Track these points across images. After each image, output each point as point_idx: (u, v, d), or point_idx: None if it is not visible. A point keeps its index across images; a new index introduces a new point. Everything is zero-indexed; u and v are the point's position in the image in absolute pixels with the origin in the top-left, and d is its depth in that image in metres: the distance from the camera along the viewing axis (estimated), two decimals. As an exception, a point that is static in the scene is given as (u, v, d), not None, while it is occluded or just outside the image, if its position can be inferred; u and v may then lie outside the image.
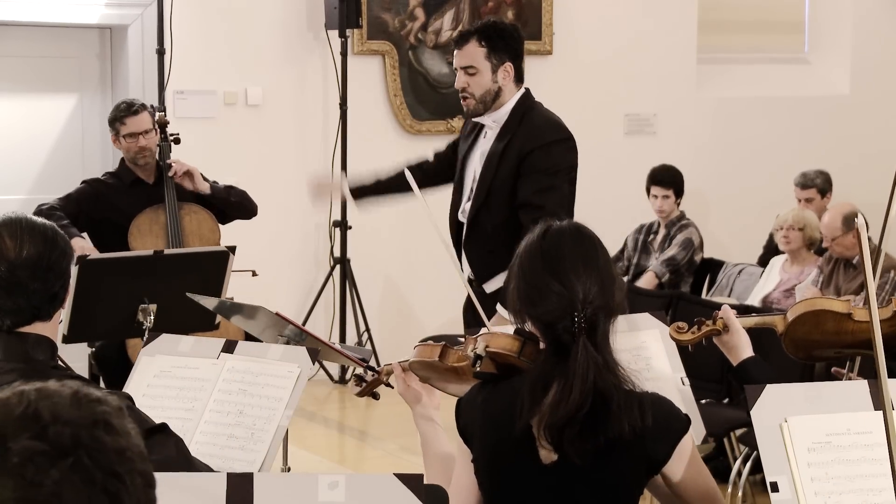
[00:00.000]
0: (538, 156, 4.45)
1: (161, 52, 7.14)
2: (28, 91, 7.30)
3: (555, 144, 4.49)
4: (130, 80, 7.31)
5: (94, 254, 5.12)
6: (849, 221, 6.16)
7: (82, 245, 5.29)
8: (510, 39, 4.53)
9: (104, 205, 5.56)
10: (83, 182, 5.73)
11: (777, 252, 6.93)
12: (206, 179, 5.65)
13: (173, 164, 5.56)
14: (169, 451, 2.50)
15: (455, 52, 4.59)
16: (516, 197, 4.48)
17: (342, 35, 7.43)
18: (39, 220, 2.60)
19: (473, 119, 4.65)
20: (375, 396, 3.23)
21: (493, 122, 4.56)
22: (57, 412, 1.31)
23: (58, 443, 1.28)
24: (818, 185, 7.37)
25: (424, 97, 7.94)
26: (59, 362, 2.64)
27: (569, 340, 2.42)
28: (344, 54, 7.50)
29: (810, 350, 3.19)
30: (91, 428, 1.31)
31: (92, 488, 1.28)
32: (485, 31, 4.54)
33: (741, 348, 3.01)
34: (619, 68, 8.43)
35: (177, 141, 5.74)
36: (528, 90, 4.62)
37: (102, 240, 5.55)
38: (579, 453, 2.41)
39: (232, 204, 5.67)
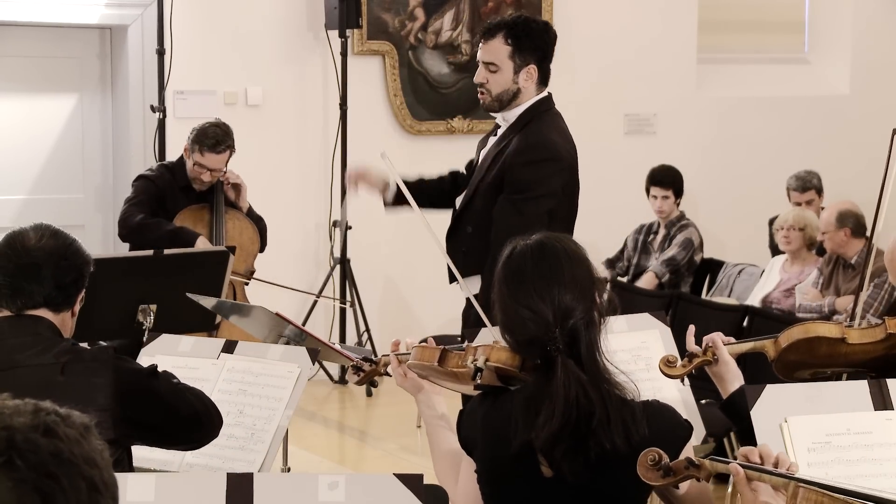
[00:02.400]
0: (516, 171, 4.22)
1: (161, 52, 7.13)
2: (28, 91, 7.29)
3: (534, 165, 4.21)
4: (130, 80, 7.31)
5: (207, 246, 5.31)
6: (843, 219, 6.22)
7: (207, 245, 5.42)
8: (538, 40, 4.28)
9: (158, 199, 5.68)
10: (142, 178, 5.77)
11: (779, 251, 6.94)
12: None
13: (228, 172, 5.74)
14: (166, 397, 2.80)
15: (480, 44, 4.36)
16: (494, 205, 4.28)
17: (342, 35, 7.43)
18: (63, 230, 2.86)
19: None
20: (374, 384, 3.22)
21: (504, 121, 4.37)
22: (1, 420, 1.37)
23: None
24: (815, 185, 7.39)
25: (424, 97, 7.94)
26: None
27: (552, 360, 2.40)
28: (344, 54, 7.50)
29: (800, 371, 3.16)
30: (27, 432, 1.36)
31: (22, 487, 1.32)
32: (514, 27, 4.28)
33: (730, 381, 2.90)
34: (619, 68, 8.43)
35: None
36: (548, 95, 4.38)
37: None
38: (572, 470, 2.39)
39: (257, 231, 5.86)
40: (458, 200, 4.49)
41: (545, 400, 2.38)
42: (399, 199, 4.37)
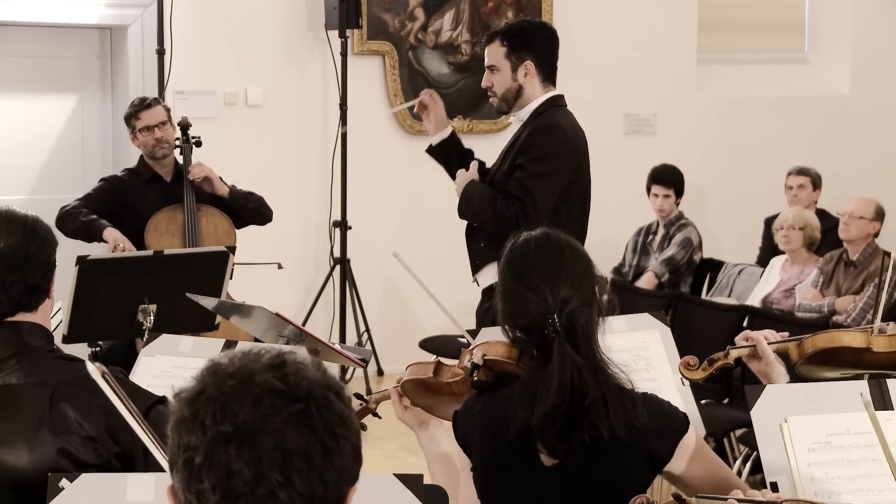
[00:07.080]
0: (524, 151, 4.44)
1: (161, 52, 7.13)
2: (28, 91, 7.29)
3: (540, 132, 4.44)
4: (130, 80, 7.31)
5: (127, 243, 5.26)
6: (880, 213, 6.34)
7: (115, 235, 5.34)
8: (531, 38, 4.52)
9: (121, 201, 5.62)
10: (102, 180, 5.80)
11: (776, 252, 6.93)
12: (224, 183, 5.71)
13: (193, 168, 5.64)
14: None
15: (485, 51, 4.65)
16: None
17: (342, 35, 7.43)
18: (21, 211, 2.65)
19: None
20: (362, 427, 3.15)
21: (518, 121, 4.59)
22: (299, 368, 1.48)
23: (294, 389, 1.46)
24: (812, 174, 7.42)
25: (424, 97, 7.93)
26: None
27: (549, 346, 2.44)
28: (344, 54, 7.50)
29: (819, 373, 3.15)
30: (325, 389, 1.48)
31: (311, 437, 1.45)
32: (507, 30, 4.58)
33: (775, 379, 2.92)
34: (619, 68, 8.42)
35: (198, 143, 5.86)
36: (559, 95, 4.60)
37: None
38: (566, 453, 2.42)
39: (249, 210, 5.75)
40: None
41: (541, 383, 2.42)
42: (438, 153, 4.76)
